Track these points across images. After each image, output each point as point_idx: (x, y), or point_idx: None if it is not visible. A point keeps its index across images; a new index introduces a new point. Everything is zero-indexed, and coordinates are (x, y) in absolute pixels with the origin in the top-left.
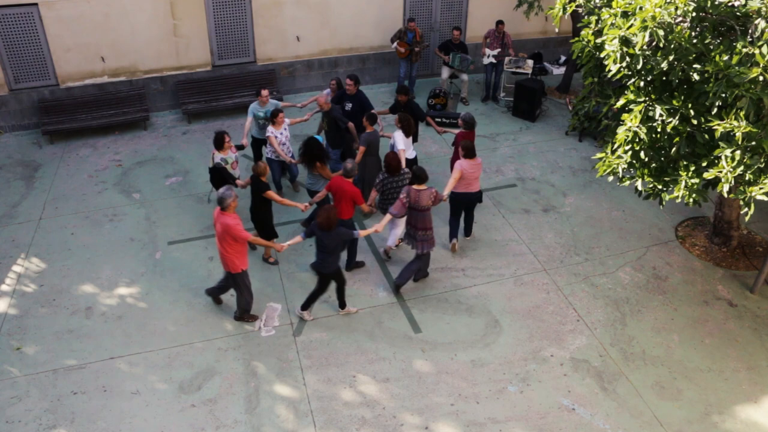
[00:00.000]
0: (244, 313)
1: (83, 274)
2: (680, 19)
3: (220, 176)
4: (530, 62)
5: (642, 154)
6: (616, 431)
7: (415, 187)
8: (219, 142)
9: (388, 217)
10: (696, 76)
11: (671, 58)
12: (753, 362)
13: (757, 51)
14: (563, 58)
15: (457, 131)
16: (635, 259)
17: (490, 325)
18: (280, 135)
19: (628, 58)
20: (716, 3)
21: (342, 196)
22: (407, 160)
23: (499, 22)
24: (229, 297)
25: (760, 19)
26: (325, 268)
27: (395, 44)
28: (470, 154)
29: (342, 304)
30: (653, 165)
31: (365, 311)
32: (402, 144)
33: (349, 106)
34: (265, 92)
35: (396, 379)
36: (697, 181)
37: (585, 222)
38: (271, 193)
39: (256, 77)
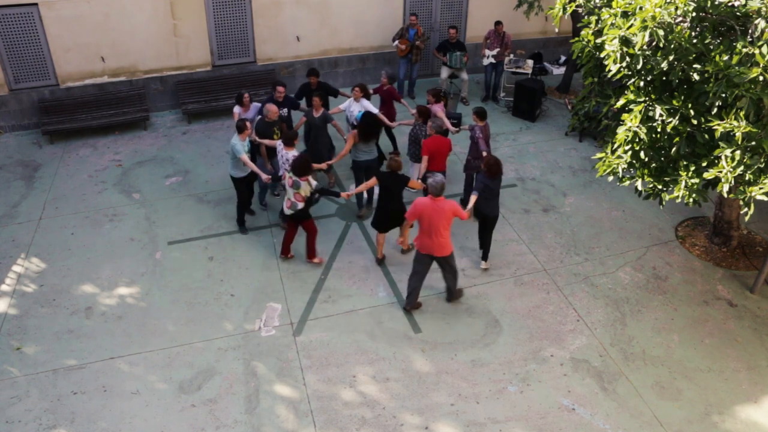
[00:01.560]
0: (457, 291)
1: (83, 274)
2: (680, 19)
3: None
4: (530, 62)
5: (642, 154)
6: (616, 431)
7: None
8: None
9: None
10: (696, 76)
11: (671, 58)
12: (753, 362)
13: (757, 51)
14: (563, 58)
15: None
16: (635, 259)
17: (490, 325)
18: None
19: (628, 58)
20: (716, 3)
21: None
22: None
23: (498, 23)
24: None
25: (760, 19)
26: (494, 210)
27: (396, 42)
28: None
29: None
30: (653, 165)
31: (365, 311)
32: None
33: (284, 111)
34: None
35: (396, 379)
36: (697, 181)
37: (585, 222)
38: (414, 182)
39: (256, 77)
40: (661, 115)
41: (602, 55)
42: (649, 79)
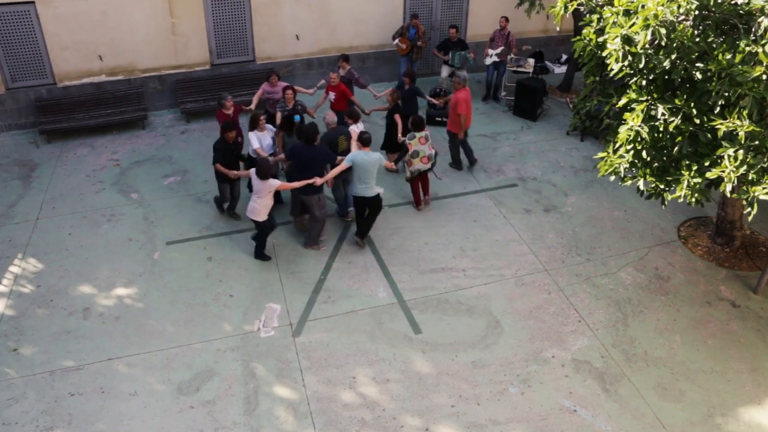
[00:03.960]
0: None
1: (81, 274)
2: (683, 17)
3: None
4: (531, 61)
5: (644, 154)
6: None
7: None
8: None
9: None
10: (699, 75)
11: (674, 56)
12: (756, 363)
13: (760, 49)
14: (564, 56)
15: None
16: (637, 260)
17: (491, 325)
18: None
19: (630, 57)
20: (719, 1)
21: None
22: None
23: (503, 18)
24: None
25: (763, 17)
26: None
27: (397, 41)
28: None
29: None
30: (655, 164)
31: (365, 312)
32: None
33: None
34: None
35: (396, 380)
36: (699, 180)
37: (586, 222)
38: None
39: (255, 76)
40: (663, 114)
41: (604, 54)
42: (651, 77)
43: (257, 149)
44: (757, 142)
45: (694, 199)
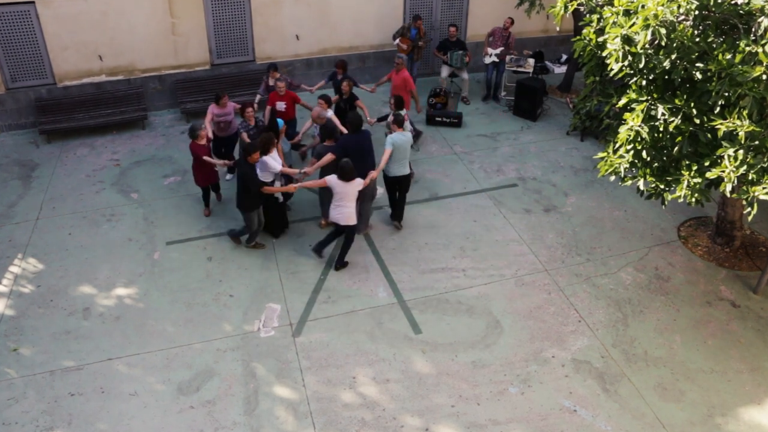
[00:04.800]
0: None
1: (81, 274)
2: (683, 17)
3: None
4: (531, 61)
5: (644, 154)
6: None
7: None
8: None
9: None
10: (699, 75)
11: (674, 56)
12: (756, 363)
13: (760, 49)
14: (564, 56)
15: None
16: (637, 260)
17: (491, 325)
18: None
19: (630, 57)
20: (719, 1)
21: None
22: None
23: (509, 19)
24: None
25: (763, 17)
26: None
27: (397, 41)
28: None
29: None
30: (655, 164)
31: (365, 312)
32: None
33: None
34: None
35: (396, 380)
36: (699, 180)
37: (586, 222)
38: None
39: (255, 76)
40: (663, 114)
41: (604, 54)
42: (651, 77)
43: (283, 170)
44: (757, 142)
45: (694, 199)
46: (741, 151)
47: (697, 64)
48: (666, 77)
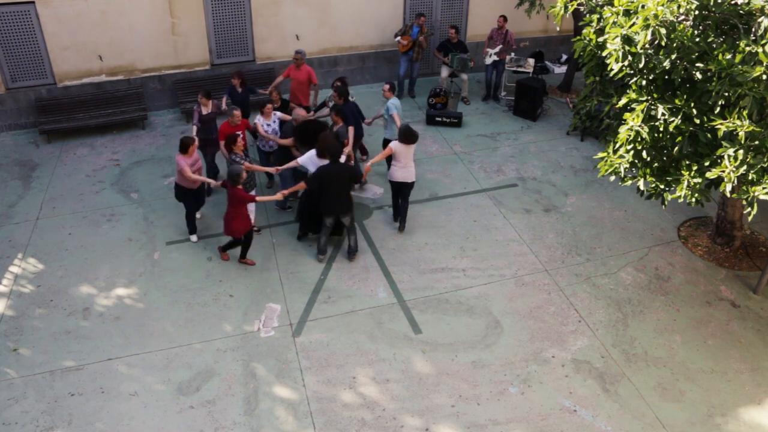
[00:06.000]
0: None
1: (81, 274)
2: (683, 17)
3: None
4: (531, 61)
5: (644, 154)
6: None
7: None
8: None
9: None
10: (699, 75)
11: (674, 56)
12: (756, 363)
13: (760, 49)
14: (565, 56)
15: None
16: (637, 260)
17: (491, 325)
18: (267, 126)
19: (630, 57)
20: (719, 1)
21: None
22: None
23: (501, 17)
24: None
25: (763, 17)
26: None
27: (398, 38)
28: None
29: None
30: (655, 164)
31: (365, 312)
32: (303, 159)
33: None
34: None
35: (396, 380)
36: (699, 180)
37: (586, 222)
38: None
39: (255, 76)
40: (663, 114)
41: (604, 54)
42: (651, 77)
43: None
44: (757, 142)
45: (694, 199)
46: (741, 151)
47: (697, 64)
48: (666, 77)
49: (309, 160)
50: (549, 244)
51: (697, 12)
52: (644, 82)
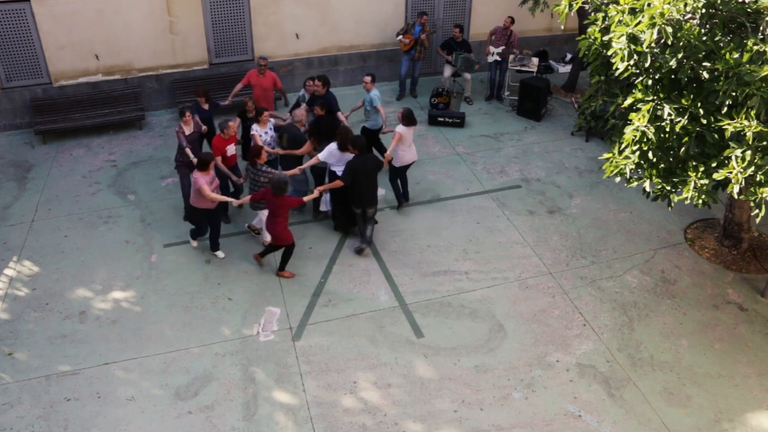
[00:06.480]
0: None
1: (77, 277)
2: (689, 15)
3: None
4: (535, 60)
5: (650, 155)
6: None
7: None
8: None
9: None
10: (705, 75)
11: (680, 55)
12: (764, 368)
13: None
14: (569, 55)
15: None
16: (643, 262)
17: (494, 329)
18: (264, 134)
19: (635, 56)
20: None
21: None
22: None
23: (509, 18)
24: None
25: None
26: None
27: (400, 37)
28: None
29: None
30: (661, 165)
31: (366, 315)
32: (324, 155)
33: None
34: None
35: (398, 385)
36: (706, 182)
37: (591, 224)
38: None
39: None
40: (669, 115)
41: (609, 53)
42: (657, 77)
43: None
44: (765, 143)
45: (701, 201)
46: (749, 152)
47: (704, 64)
48: (672, 77)
49: (329, 154)
50: (553, 246)
51: (704, 10)
52: (650, 82)
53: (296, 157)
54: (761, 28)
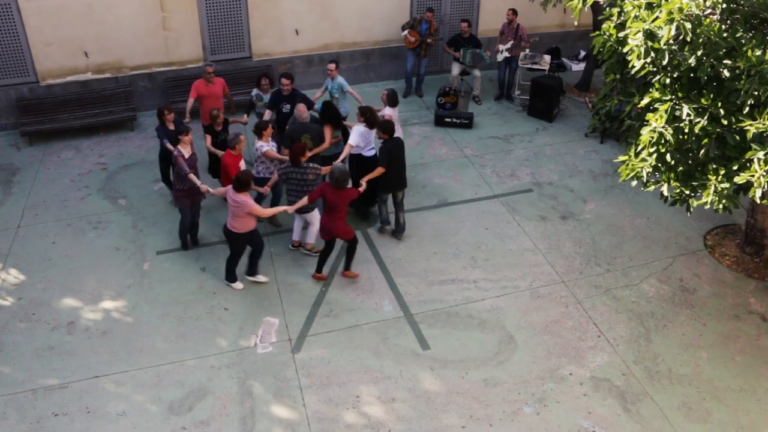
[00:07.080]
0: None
1: (65, 286)
2: (709, 11)
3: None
4: (547, 58)
5: (668, 157)
6: None
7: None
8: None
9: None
10: (726, 73)
11: (699, 53)
12: None
13: None
14: (583, 53)
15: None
16: (660, 270)
17: (504, 341)
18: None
19: (652, 53)
20: None
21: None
22: (364, 157)
23: (510, 11)
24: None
25: None
26: None
27: (406, 32)
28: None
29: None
30: (680, 168)
31: (369, 326)
32: (356, 139)
33: (286, 107)
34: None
35: (402, 399)
36: (727, 185)
37: (606, 230)
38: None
39: (251, 73)
40: (688, 115)
41: (625, 50)
42: (675, 75)
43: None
44: None
45: (721, 206)
46: None
47: (725, 61)
48: (691, 75)
49: (359, 136)
50: (566, 253)
51: (724, 5)
52: (668, 81)
53: (317, 155)
54: None
